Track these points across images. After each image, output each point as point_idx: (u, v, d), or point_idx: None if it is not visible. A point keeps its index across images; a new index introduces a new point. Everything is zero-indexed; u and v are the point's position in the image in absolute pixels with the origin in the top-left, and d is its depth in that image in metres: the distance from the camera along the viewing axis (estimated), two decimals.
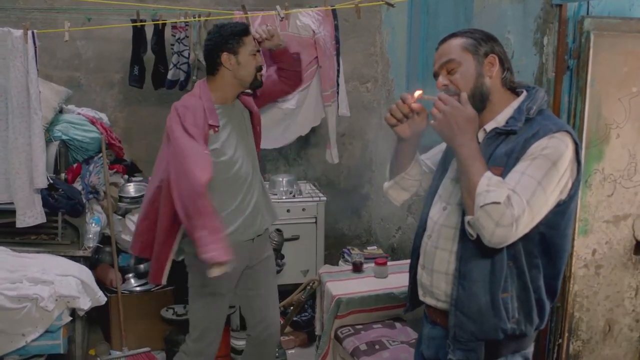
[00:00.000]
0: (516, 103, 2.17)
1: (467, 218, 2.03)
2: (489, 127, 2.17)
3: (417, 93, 2.27)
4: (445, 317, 2.22)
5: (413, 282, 2.41)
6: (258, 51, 3.22)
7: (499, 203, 1.93)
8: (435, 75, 2.24)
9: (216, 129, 3.10)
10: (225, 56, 3.13)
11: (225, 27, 3.19)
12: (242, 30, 3.17)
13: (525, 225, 1.98)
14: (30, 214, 3.72)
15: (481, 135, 2.19)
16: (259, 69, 3.20)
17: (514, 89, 2.21)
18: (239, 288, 3.40)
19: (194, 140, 2.98)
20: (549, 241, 2.10)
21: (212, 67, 3.19)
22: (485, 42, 2.17)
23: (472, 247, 2.11)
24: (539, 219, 2.02)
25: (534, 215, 1.99)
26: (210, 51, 3.18)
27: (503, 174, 2.04)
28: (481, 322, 2.12)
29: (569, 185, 2.06)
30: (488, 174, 2.00)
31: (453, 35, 2.22)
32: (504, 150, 2.09)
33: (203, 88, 3.19)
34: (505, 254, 2.08)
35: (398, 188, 2.56)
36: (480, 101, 2.15)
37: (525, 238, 2.06)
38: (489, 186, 1.97)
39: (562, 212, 2.08)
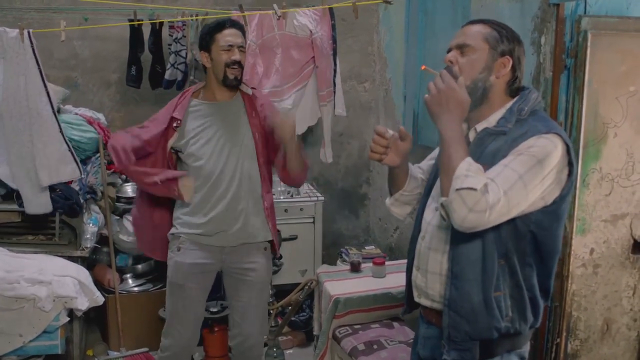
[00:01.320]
0: (510, 104, 2.17)
1: (441, 199, 2.01)
2: (480, 126, 2.17)
3: (421, 67, 2.30)
4: (440, 318, 2.22)
5: (409, 284, 2.41)
6: (233, 47, 3.19)
7: (475, 189, 1.91)
8: (449, 50, 2.22)
9: (179, 122, 3.25)
10: (202, 55, 3.26)
11: (205, 25, 3.33)
12: (215, 27, 3.22)
13: (500, 214, 1.95)
14: (37, 202, 3.76)
15: (472, 135, 2.19)
16: (229, 64, 3.18)
17: (513, 95, 2.20)
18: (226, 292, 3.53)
19: (135, 128, 3.34)
20: (539, 240, 2.10)
21: (204, 67, 3.35)
22: (508, 42, 2.15)
23: (463, 246, 2.11)
24: (515, 212, 2.00)
25: (510, 208, 1.97)
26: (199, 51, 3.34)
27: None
28: (475, 321, 2.11)
29: (556, 188, 2.05)
30: (469, 159, 1.99)
31: (482, 21, 2.20)
32: (492, 150, 2.09)
33: (195, 86, 3.41)
34: (497, 252, 2.08)
35: (399, 204, 2.57)
36: (478, 95, 2.15)
37: (516, 236, 2.07)
38: (468, 171, 1.95)
39: (552, 213, 2.08)
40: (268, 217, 3.35)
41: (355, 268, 4.00)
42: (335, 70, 4.42)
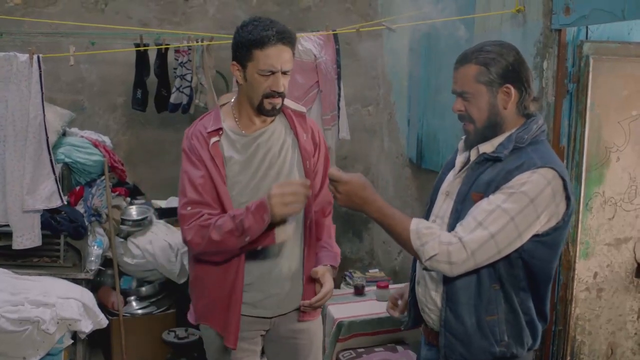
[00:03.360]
0: (514, 131, 2.16)
1: (423, 266, 2.11)
2: (482, 148, 2.17)
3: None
4: (435, 336, 2.24)
5: (413, 297, 2.43)
6: (276, 73, 2.44)
7: (436, 254, 2.02)
8: (454, 93, 2.23)
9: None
10: (234, 67, 2.52)
11: (243, 28, 2.47)
12: (257, 40, 2.40)
13: (489, 256, 2.03)
14: (28, 236, 3.73)
15: (473, 154, 2.20)
16: (268, 95, 2.46)
17: (529, 113, 2.19)
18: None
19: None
20: (531, 269, 2.11)
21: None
22: (501, 67, 2.11)
23: None
24: (508, 251, 2.05)
25: (500, 249, 2.03)
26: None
27: None
28: (469, 343, 2.13)
29: (552, 220, 2.07)
30: (412, 225, 2.08)
31: (468, 59, 2.16)
32: (487, 179, 2.10)
33: (225, 99, 2.71)
34: (490, 277, 2.10)
35: None
36: (492, 131, 2.16)
37: (508, 263, 2.09)
38: (420, 239, 2.06)
39: (545, 243, 2.09)
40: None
41: (359, 291, 4.00)
42: (339, 94, 4.45)
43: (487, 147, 2.16)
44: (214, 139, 2.51)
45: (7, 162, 3.65)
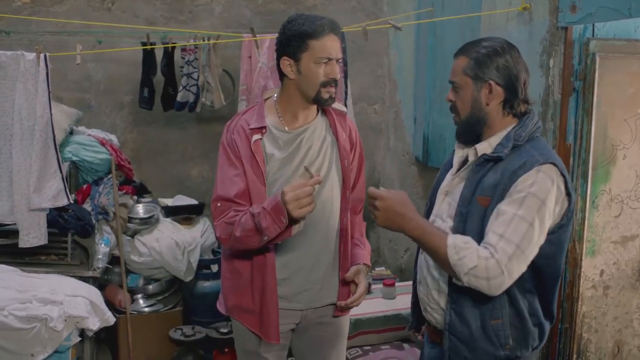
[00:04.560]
0: (509, 128, 2.19)
1: (460, 283, 2.08)
2: (480, 149, 2.18)
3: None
4: (442, 337, 2.24)
5: (415, 297, 2.44)
6: (332, 60, 2.49)
7: (475, 266, 2.00)
8: (449, 82, 2.28)
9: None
10: (285, 62, 2.53)
11: (293, 22, 2.52)
12: (311, 31, 2.46)
13: (519, 266, 2.03)
14: (34, 234, 3.74)
15: (472, 155, 2.21)
16: (325, 83, 2.49)
17: (517, 114, 2.21)
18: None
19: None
20: (539, 269, 2.12)
21: (280, 74, 2.60)
22: (489, 64, 2.15)
23: None
24: (532, 256, 2.06)
25: (527, 256, 2.04)
26: (276, 54, 2.59)
27: (490, 204, 2.08)
28: (474, 347, 2.14)
29: (557, 217, 2.10)
30: (450, 241, 2.05)
31: (463, 51, 2.24)
32: (492, 181, 2.11)
33: (268, 94, 2.72)
34: None
35: None
36: (476, 126, 2.19)
37: None
38: (458, 254, 2.02)
39: (550, 241, 2.11)
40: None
41: None
42: (346, 92, 4.45)
43: (485, 148, 2.17)
44: (256, 136, 2.53)
45: (14, 161, 3.66)
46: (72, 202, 3.85)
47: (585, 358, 3.13)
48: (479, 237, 2.08)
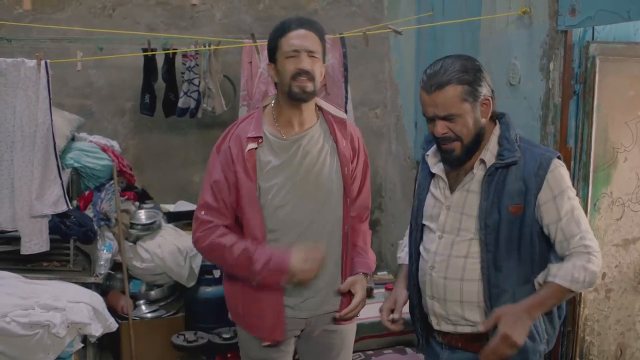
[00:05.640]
0: (497, 131, 2.26)
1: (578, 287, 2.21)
2: (488, 160, 2.23)
3: None
4: (471, 341, 2.25)
5: (421, 319, 2.43)
6: (299, 52, 2.48)
7: (594, 272, 2.20)
8: (430, 119, 2.26)
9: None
10: (270, 67, 2.59)
11: (273, 29, 2.60)
12: (278, 30, 2.54)
13: (597, 244, 2.23)
14: (36, 241, 3.74)
15: (481, 169, 2.23)
16: (294, 75, 2.48)
17: (494, 115, 2.31)
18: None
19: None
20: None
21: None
22: (480, 83, 2.19)
23: (500, 277, 2.20)
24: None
25: (592, 233, 2.23)
26: None
27: (525, 211, 2.16)
28: (521, 347, 2.13)
29: None
30: (560, 281, 2.14)
31: (448, 82, 2.17)
32: (517, 188, 2.17)
33: (266, 101, 2.74)
34: (531, 273, 2.23)
35: None
36: (476, 145, 2.24)
37: (539, 251, 2.24)
38: (578, 282, 2.16)
39: None
40: None
41: (367, 294, 3.99)
42: (346, 97, 4.46)
43: (490, 158, 2.21)
44: (251, 145, 2.54)
45: (16, 168, 3.66)
46: (71, 208, 3.85)
47: None
48: (516, 244, 2.17)
